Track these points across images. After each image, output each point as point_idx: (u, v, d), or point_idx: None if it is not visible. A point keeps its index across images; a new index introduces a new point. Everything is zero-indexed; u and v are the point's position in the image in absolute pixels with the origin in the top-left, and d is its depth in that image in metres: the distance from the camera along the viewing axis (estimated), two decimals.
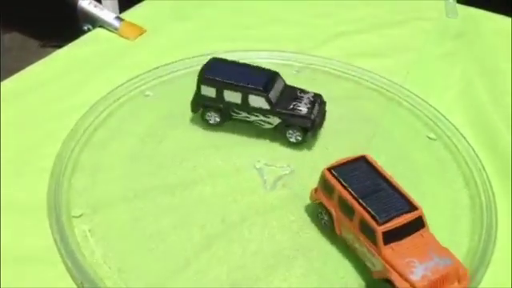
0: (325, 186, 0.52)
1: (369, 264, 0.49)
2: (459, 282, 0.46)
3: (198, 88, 0.62)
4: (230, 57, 0.74)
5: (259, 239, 0.53)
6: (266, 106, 0.61)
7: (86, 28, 0.82)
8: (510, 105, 0.70)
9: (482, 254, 0.51)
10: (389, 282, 0.46)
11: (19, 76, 0.71)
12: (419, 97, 0.69)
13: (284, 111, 0.61)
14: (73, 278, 0.48)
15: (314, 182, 0.58)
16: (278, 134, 0.63)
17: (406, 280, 0.45)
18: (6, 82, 0.69)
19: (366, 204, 0.48)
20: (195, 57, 0.73)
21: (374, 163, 0.53)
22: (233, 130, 0.64)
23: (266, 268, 0.50)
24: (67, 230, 0.51)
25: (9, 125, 0.62)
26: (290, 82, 0.72)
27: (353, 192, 0.49)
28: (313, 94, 0.63)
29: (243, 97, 0.61)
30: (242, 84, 0.61)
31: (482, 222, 0.54)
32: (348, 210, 0.49)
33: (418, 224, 0.48)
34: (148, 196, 0.56)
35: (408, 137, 0.65)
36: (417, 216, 0.48)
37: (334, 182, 0.51)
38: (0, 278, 0.47)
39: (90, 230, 0.52)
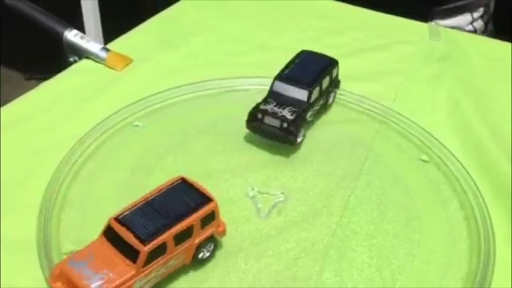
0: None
1: None
2: None
3: None
4: (219, 84, 0.75)
5: (256, 270, 0.51)
6: None
7: (72, 59, 0.81)
8: (498, 123, 0.70)
9: (482, 277, 0.50)
10: None
11: (4, 109, 0.70)
12: (409, 119, 0.69)
13: None
14: None
15: (308, 207, 0.58)
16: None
17: None
18: None
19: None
20: (184, 86, 0.73)
21: None
22: (223, 158, 0.64)
23: None
24: None
25: None
26: None
27: None
28: None
29: None
30: None
31: (479, 243, 0.54)
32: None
33: None
34: None
35: (400, 159, 0.65)
36: None
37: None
38: None
39: None
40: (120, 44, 0.84)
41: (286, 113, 0.62)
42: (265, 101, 0.64)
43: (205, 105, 0.72)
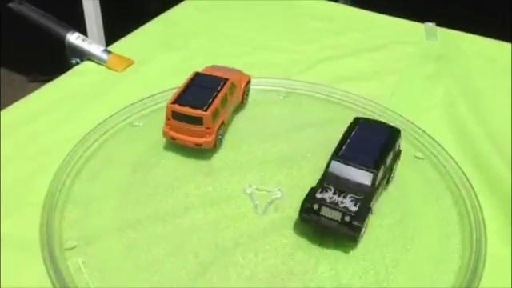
0: None
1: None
2: None
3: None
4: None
5: (253, 264, 0.53)
6: None
7: (74, 61, 0.83)
8: (493, 122, 0.72)
9: (474, 271, 0.51)
10: None
11: (8, 111, 0.72)
12: (404, 117, 0.70)
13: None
14: None
15: None
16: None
17: None
18: None
19: None
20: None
21: None
22: (222, 157, 0.65)
23: None
24: (60, 262, 0.51)
25: None
26: (277, 107, 0.74)
27: None
28: None
29: None
30: None
31: (471, 238, 0.55)
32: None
33: None
34: (141, 225, 0.56)
35: None
36: None
37: None
38: None
39: (83, 262, 0.52)
40: (121, 46, 0.86)
41: (348, 202, 0.53)
42: (321, 186, 0.55)
43: None
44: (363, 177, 0.55)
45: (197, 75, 0.67)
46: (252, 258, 0.53)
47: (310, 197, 0.54)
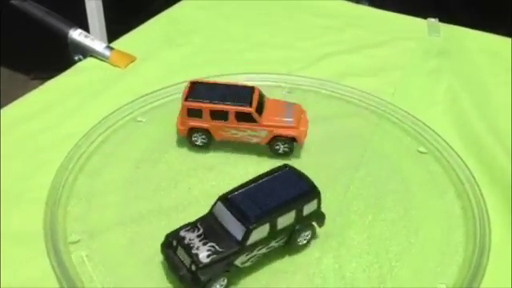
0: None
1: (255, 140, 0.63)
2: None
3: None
4: (219, 80, 0.76)
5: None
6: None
7: (76, 58, 0.83)
8: (496, 117, 0.71)
9: (477, 264, 0.51)
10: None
11: (12, 107, 0.72)
12: (408, 112, 0.70)
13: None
14: None
15: None
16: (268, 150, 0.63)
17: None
18: None
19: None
20: (185, 82, 0.74)
21: None
22: (223, 150, 0.65)
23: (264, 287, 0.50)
24: (64, 256, 0.51)
25: (2, 156, 0.62)
26: None
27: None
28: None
29: None
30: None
31: (475, 232, 0.55)
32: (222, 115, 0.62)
33: None
34: (144, 220, 0.56)
35: (399, 151, 0.66)
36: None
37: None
38: None
39: (87, 256, 0.52)
40: (124, 42, 0.86)
41: (204, 250, 0.47)
42: (194, 223, 0.50)
43: None
44: (237, 229, 0.48)
45: (251, 88, 0.65)
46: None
47: (176, 231, 0.49)
